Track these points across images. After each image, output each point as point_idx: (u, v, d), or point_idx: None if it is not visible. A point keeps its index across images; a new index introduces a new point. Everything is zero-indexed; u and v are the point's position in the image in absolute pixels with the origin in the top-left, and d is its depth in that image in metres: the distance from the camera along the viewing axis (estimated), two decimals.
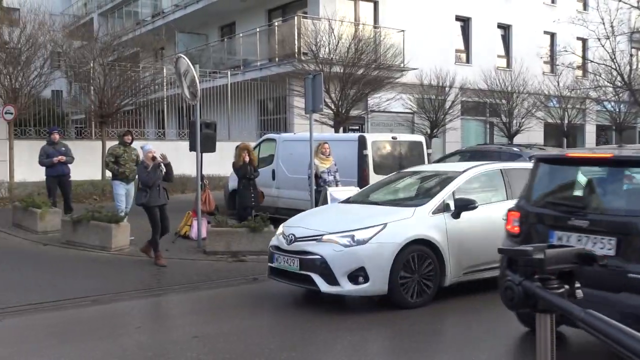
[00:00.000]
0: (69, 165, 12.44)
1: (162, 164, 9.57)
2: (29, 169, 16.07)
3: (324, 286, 6.75)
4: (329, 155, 11.39)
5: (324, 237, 6.92)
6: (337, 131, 17.95)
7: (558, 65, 25.19)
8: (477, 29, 25.47)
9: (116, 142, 11.65)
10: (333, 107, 17.76)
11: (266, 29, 22.78)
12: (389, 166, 11.99)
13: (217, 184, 16.96)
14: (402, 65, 20.62)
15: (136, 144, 11.52)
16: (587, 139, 29.35)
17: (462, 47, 25.49)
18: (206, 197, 11.41)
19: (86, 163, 15.54)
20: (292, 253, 7.10)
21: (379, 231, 6.86)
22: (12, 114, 15.31)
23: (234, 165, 11.58)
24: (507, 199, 7.55)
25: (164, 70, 20.43)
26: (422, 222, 7.08)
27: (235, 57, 24.08)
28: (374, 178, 11.59)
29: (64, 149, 12.56)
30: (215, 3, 23.96)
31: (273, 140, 14.01)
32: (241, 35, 23.59)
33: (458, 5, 24.58)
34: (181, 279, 8.53)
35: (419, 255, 6.90)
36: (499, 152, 15.70)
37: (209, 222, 10.92)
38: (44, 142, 16.96)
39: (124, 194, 11.17)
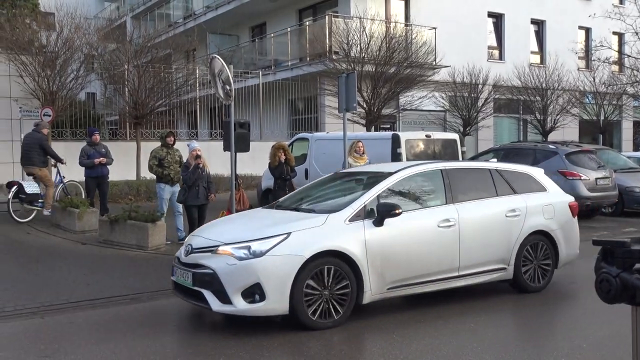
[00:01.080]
0: (108, 167, 12.62)
1: (203, 165, 9.69)
2: (65, 168, 16.38)
3: (215, 304, 5.92)
4: (363, 153, 11.35)
5: (219, 249, 6.07)
6: (368, 130, 17.89)
7: (594, 60, 24.68)
8: (510, 25, 25.15)
9: (158, 144, 11.55)
10: (365, 105, 17.70)
11: (297, 29, 22.81)
12: None
13: (249, 184, 17.05)
14: (434, 63, 20.47)
15: (178, 145, 11.59)
16: (623, 135, 28.77)
17: (494, 43, 25.21)
18: (240, 197, 11.43)
19: (121, 163, 15.72)
20: (187, 266, 6.30)
21: (280, 242, 5.94)
22: (50, 115, 15.59)
23: (270, 165, 11.55)
24: (447, 203, 6.97)
25: (196, 71, 20.58)
26: (335, 231, 6.18)
27: (266, 57, 24.18)
28: None
29: (103, 150, 12.73)
30: (246, 4, 24.09)
31: (306, 139, 14.01)
32: (272, 35, 23.67)
33: (490, 2, 24.32)
34: None
35: (329, 269, 6.00)
36: (534, 150, 15.48)
37: None
38: (80, 144, 17.31)
39: (168, 197, 11.10)
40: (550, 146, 15.49)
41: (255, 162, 17.12)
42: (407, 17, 22.08)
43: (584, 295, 7.54)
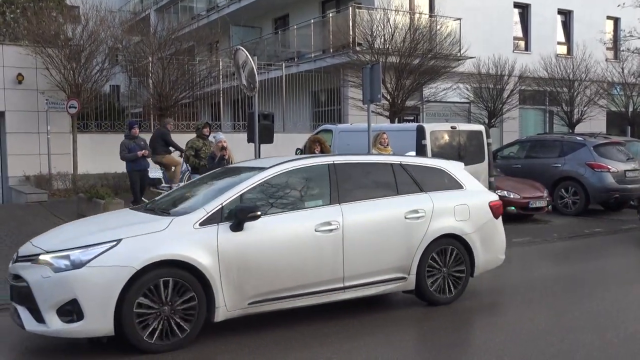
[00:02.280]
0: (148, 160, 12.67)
1: (229, 157, 9.69)
2: (91, 161, 16.56)
3: (30, 324, 5.16)
4: (387, 145, 11.26)
5: (40, 258, 5.23)
6: (392, 122, 17.76)
7: (622, 51, 24.24)
8: (537, 16, 24.77)
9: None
10: (389, 97, 17.58)
11: (320, 20, 22.70)
12: (447, 156, 11.74)
13: None
14: (458, 54, 20.24)
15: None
16: None
17: (520, 34, 24.85)
18: None
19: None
20: (10, 276, 5.56)
21: (105, 250, 5.10)
22: (75, 107, 15.74)
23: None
24: (331, 204, 6.10)
25: (220, 63, 20.61)
26: (178, 237, 5.33)
27: (289, 49, 24.11)
28: None
29: (143, 142, 12.72)
30: None
31: (329, 131, 13.95)
32: (295, 27, 23.59)
33: None
34: None
35: (166, 282, 5.18)
36: (561, 142, 15.27)
37: None
38: (105, 135, 17.52)
39: None
40: (578, 138, 15.25)
41: (278, 154, 17.07)
42: (431, 7, 21.85)
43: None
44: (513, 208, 12.90)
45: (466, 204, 6.83)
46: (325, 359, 5.16)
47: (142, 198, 12.37)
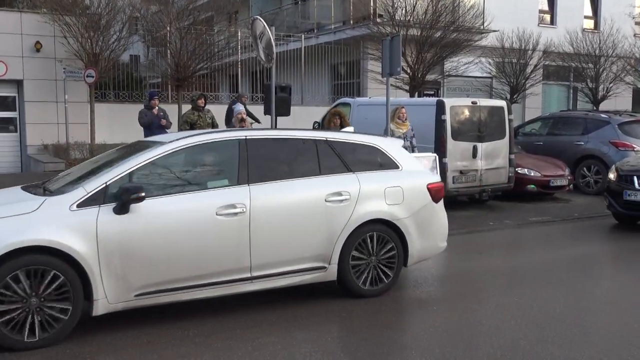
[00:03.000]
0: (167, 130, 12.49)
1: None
2: (108, 131, 16.57)
3: None
4: (405, 120, 11.05)
5: None
6: (412, 96, 17.49)
7: None
8: None
9: (189, 107, 11.49)
10: (409, 71, 17.28)
11: None
12: (468, 132, 11.55)
13: None
14: (482, 27, 19.79)
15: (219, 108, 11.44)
16: None
17: (546, 7, 24.25)
18: None
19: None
20: None
21: None
22: (93, 77, 15.67)
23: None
24: (238, 184, 5.43)
25: (238, 34, 20.40)
26: (48, 221, 4.69)
27: (309, 20, 23.79)
28: (452, 144, 11.22)
29: (162, 113, 12.53)
30: None
31: (347, 104, 13.74)
32: None
33: None
34: None
35: (29, 272, 4.59)
36: (585, 119, 14.92)
37: None
38: (122, 105, 17.48)
39: None
40: (602, 115, 14.88)
41: (296, 127, 16.94)
42: None
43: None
44: (533, 186, 12.66)
45: (400, 186, 6.10)
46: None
47: None
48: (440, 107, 11.34)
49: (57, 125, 16.41)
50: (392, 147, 6.50)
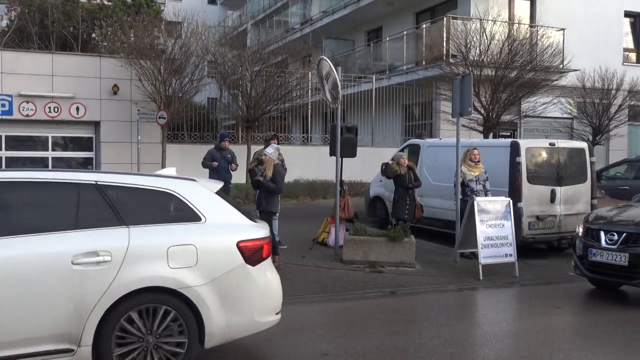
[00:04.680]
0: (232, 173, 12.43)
1: (265, 172, 9.28)
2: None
3: None
4: (478, 162, 10.49)
5: None
6: (486, 137, 16.85)
7: None
8: None
9: (262, 147, 11.35)
10: (483, 111, 16.71)
11: (413, 32, 22.10)
12: (545, 175, 10.87)
13: (358, 190, 16.58)
14: (561, 66, 18.98)
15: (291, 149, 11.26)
16: None
17: (631, 45, 23.10)
18: (345, 204, 10.94)
19: None
20: None
21: None
22: (164, 118, 16.00)
23: (390, 171, 10.78)
24: (74, 229, 4.56)
25: (309, 75, 20.47)
26: None
27: (381, 62, 23.64)
28: (528, 188, 10.56)
29: (230, 155, 12.44)
30: (362, 8, 23.73)
31: (417, 145, 13.31)
32: (387, 39, 23.11)
33: (628, 0, 22.32)
34: (315, 288, 8.17)
35: None
36: None
37: (347, 230, 10.47)
38: (194, 146, 17.72)
39: None
40: None
41: (365, 169, 16.64)
42: (532, 17, 20.72)
43: None
44: None
45: (192, 244, 4.76)
46: None
47: None
48: (515, 149, 10.75)
49: (129, 165, 16.78)
50: (195, 193, 5.06)
